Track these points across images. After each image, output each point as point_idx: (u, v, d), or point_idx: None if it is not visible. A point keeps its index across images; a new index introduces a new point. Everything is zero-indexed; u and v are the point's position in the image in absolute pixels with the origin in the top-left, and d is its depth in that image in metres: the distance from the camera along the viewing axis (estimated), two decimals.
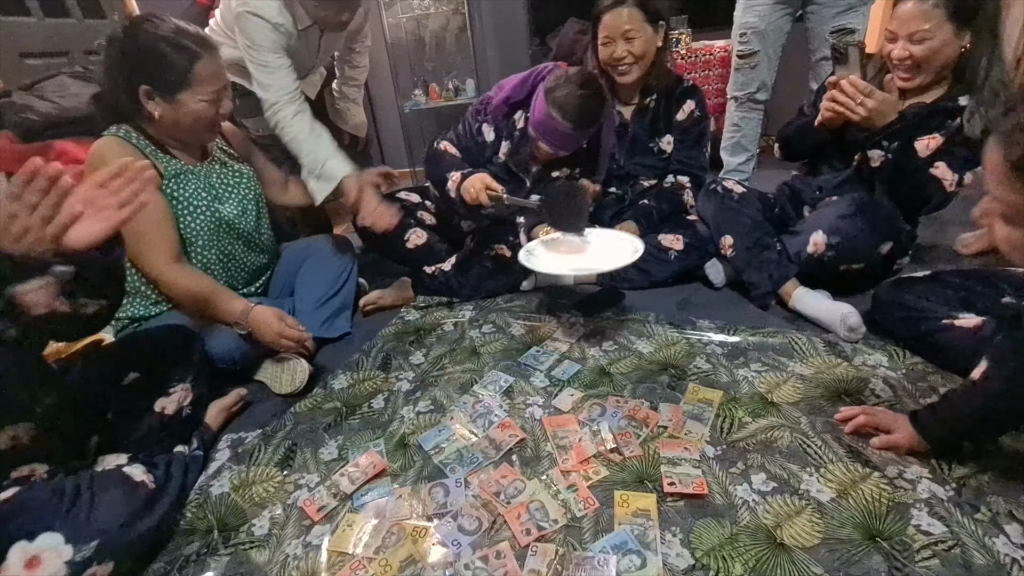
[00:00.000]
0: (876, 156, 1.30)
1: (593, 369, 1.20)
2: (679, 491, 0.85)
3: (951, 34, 1.16)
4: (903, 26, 1.19)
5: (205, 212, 1.22)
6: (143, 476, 0.86)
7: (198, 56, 1.09)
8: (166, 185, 1.18)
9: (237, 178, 1.33)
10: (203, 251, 1.25)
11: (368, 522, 0.87)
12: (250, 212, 1.34)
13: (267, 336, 1.17)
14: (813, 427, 0.96)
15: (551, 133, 1.37)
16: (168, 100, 1.10)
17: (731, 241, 1.42)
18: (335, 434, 1.09)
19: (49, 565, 0.68)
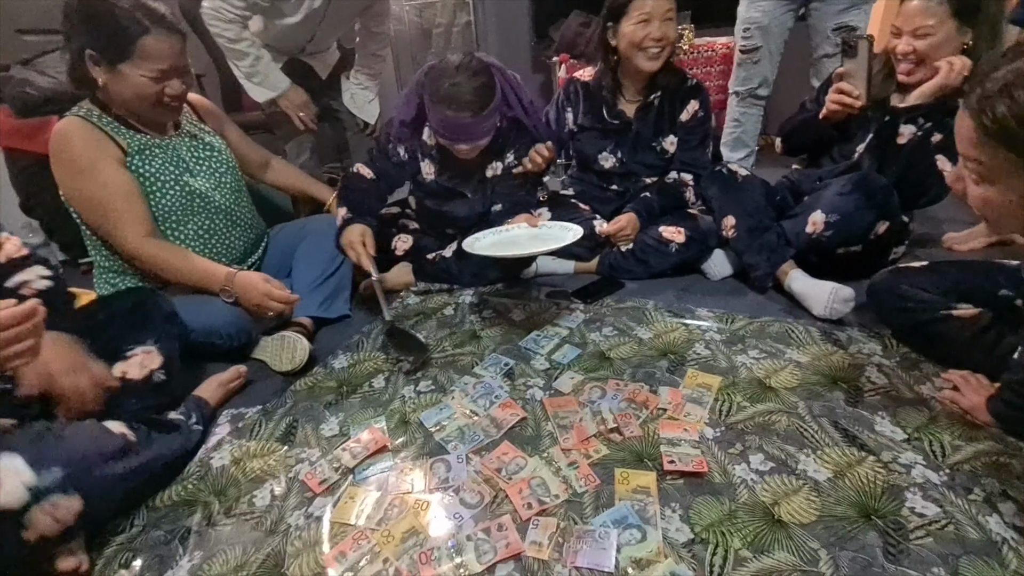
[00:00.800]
0: (907, 132, 1.31)
1: (593, 354, 1.21)
2: (679, 469, 0.86)
3: (954, 31, 1.19)
4: (908, 22, 1.22)
5: (174, 186, 1.21)
6: (122, 429, 0.84)
7: (146, 31, 1.07)
8: (130, 161, 1.16)
9: (208, 151, 1.32)
10: (178, 226, 1.24)
11: (370, 495, 0.87)
12: (226, 185, 1.32)
13: (254, 298, 1.17)
14: (810, 411, 0.98)
15: (456, 130, 1.32)
16: (110, 69, 1.09)
17: (733, 222, 1.44)
18: (336, 411, 1.09)
19: (7, 486, 0.66)
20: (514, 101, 1.44)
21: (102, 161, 1.13)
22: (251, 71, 1.68)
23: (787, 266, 1.37)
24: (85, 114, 1.14)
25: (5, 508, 0.66)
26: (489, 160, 1.51)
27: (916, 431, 0.92)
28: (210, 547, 0.81)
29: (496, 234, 1.40)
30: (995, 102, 0.60)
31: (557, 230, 1.38)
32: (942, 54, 1.20)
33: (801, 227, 1.36)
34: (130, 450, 0.82)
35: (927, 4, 1.18)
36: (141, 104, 1.15)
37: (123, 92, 1.12)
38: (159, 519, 0.86)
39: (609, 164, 1.66)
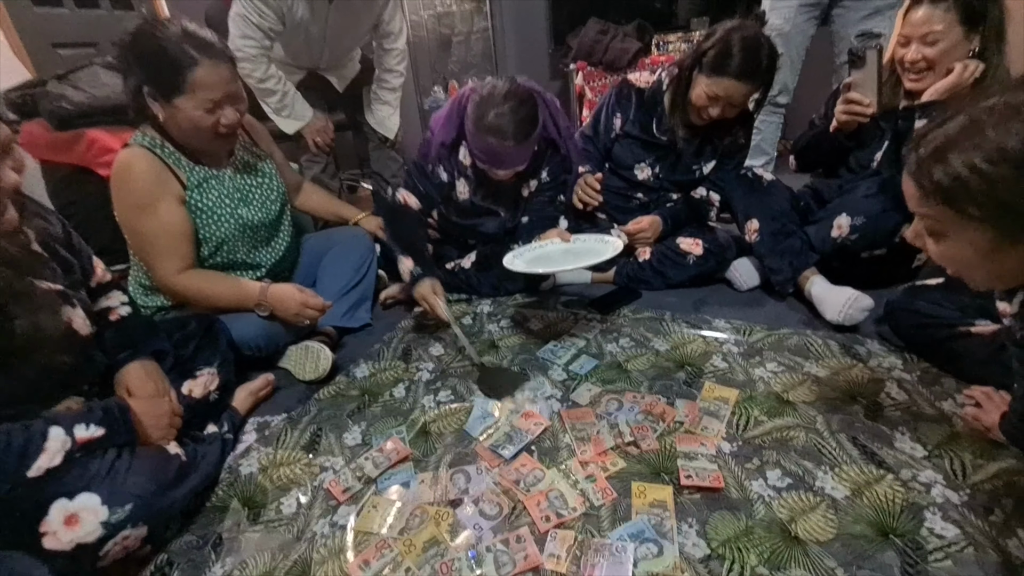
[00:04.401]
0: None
1: (610, 365, 1.22)
2: (696, 484, 0.87)
3: (961, 36, 1.20)
4: (916, 29, 1.23)
5: (229, 219, 1.24)
6: (176, 449, 0.90)
7: (196, 62, 1.07)
8: (190, 195, 1.18)
9: (260, 178, 1.35)
10: (230, 253, 1.28)
11: (392, 504, 0.90)
12: (274, 212, 1.36)
13: (291, 308, 1.21)
14: (828, 427, 0.98)
15: (498, 157, 1.33)
16: (166, 104, 1.10)
17: (757, 225, 1.44)
18: (358, 420, 1.12)
19: (86, 524, 0.72)
20: (550, 124, 1.44)
21: (162, 200, 1.14)
22: (279, 106, 1.78)
23: (809, 272, 1.37)
24: (149, 143, 1.15)
25: (86, 543, 0.72)
26: (525, 180, 1.53)
27: (936, 448, 0.91)
28: (240, 553, 0.85)
29: (532, 251, 1.40)
30: (930, 165, 0.62)
31: (593, 243, 1.38)
32: (950, 60, 1.21)
33: (826, 231, 1.36)
34: (185, 474, 0.88)
35: (934, 11, 1.20)
36: (199, 136, 1.15)
37: (181, 125, 1.13)
38: (191, 524, 0.90)
39: (644, 176, 1.64)
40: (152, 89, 1.09)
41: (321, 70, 1.93)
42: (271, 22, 1.63)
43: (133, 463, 0.81)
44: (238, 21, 1.63)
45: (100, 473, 0.77)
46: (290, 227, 1.46)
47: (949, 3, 1.19)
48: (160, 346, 1.03)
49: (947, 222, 0.63)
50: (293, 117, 1.82)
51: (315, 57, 1.87)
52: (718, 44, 1.35)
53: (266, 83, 1.72)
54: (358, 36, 1.90)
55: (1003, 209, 0.57)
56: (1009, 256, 0.61)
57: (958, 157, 0.59)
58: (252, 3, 1.59)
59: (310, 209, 1.65)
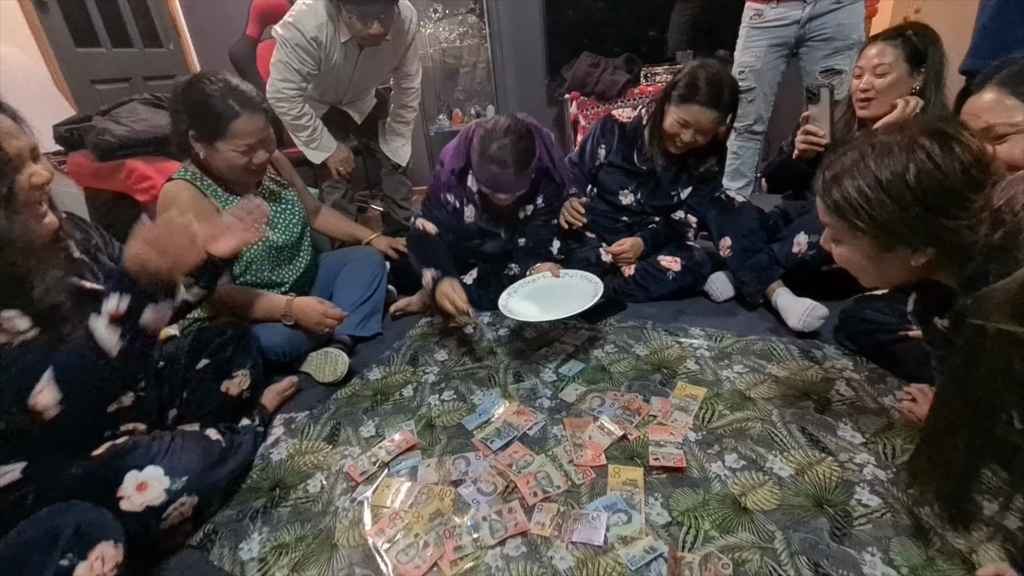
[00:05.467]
0: None
1: (595, 368, 1.37)
2: (662, 464, 1.02)
3: (906, 73, 1.38)
4: (869, 61, 1.41)
5: (259, 243, 1.43)
6: (217, 436, 1.05)
7: (237, 114, 1.26)
8: None
9: (285, 205, 1.54)
10: (258, 272, 1.46)
11: (402, 484, 1.05)
12: (295, 232, 1.54)
13: (312, 318, 1.38)
14: (782, 419, 1.13)
15: (500, 185, 1.47)
16: (207, 145, 1.29)
17: (729, 243, 1.60)
18: (372, 415, 1.27)
19: (153, 490, 0.88)
20: (545, 156, 1.61)
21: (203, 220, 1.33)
22: (309, 139, 1.99)
23: (776, 284, 1.53)
24: (190, 178, 1.34)
25: (152, 506, 0.88)
26: (522, 204, 1.70)
27: (873, 436, 1.06)
28: (274, 524, 1.00)
29: (524, 286, 1.54)
30: (830, 186, 0.78)
31: (579, 280, 1.52)
32: (895, 92, 1.39)
33: (788, 248, 1.52)
34: (225, 456, 1.04)
35: (884, 47, 1.39)
36: (233, 172, 1.34)
37: (218, 163, 1.32)
38: (231, 502, 1.05)
39: (627, 201, 1.81)
40: (197, 133, 1.29)
41: (343, 105, 2.13)
42: (309, 67, 1.83)
43: (185, 445, 0.97)
44: (279, 67, 1.83)
45: (161, 452, 0.92)
46: (310, 247, 1.64)
47: (898, 42, 1.38)
48: None
49: (842, 232, 0.79)
50: (320, 149, 2.02)
51: (340, 94, 2.07)
52: (685, 77, 1.55)
53: (300, 120, 1.93)
54: (380, 77, 2.12)
55: (879, 225, 0.73)
56: (888, 261, 0.77)
57: (848, 182, 0.75)
58: (295, 52, 1.78)
59: (327, 230, 1.83)
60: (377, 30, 1.77)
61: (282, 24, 1.81)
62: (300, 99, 1.90)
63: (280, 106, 1.89)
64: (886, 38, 1.40)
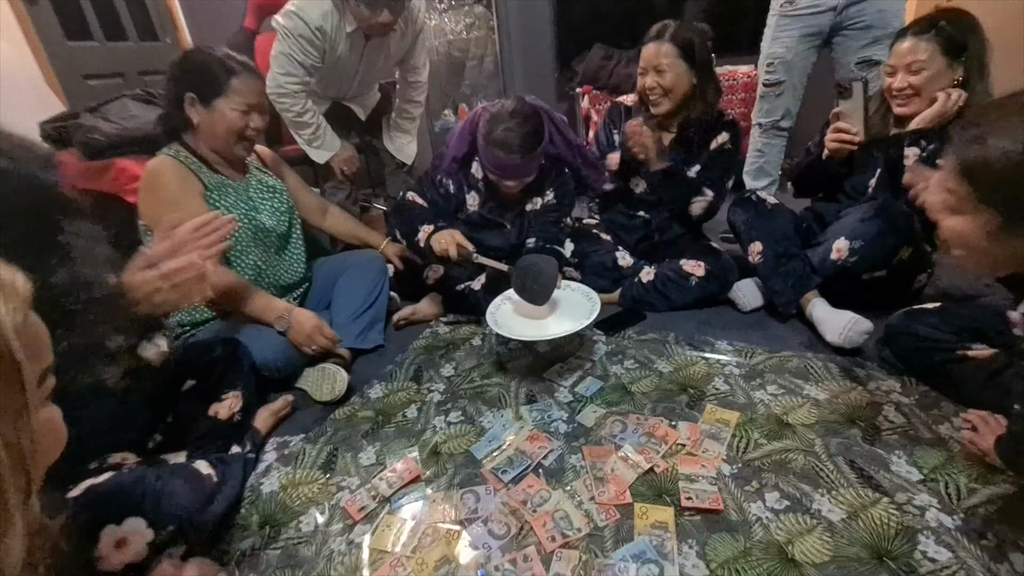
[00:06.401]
0: (912, 154, 1.35)
1: (615, 387, 1.26)
2: (696, 506, 0.91)
3: (944, 66, 1.27)
4: (902, 59, 1.30)
5: (243, 219, 1.35)
6: (208, 470, 0.95)
7: (236, 72, 1.27)
8: (209, 195, 1.31)
9: (271, 192, 1.47)
10: (241, 256, 1.37)
11: (405, 523, 0.94)
12: (283, 221, 1.46)
13: (302, 333, 1.29)
14: (827, 450, 1.01)
15: (507, 169, 1.44)
16: (207, 106, 1.27)
17: (760, 248, 1.48)
18: (373, 440, 1.17)
19: (134, 546, 0.77)
20: (559, 141, 1.55)
21: (188, 195, 1.27)
22: (312, 138, 1.88)
23: (811, 294, 1.41)
24: (174, 153, 1.30)
25: (133, 563, 0.78)
26: (530, 196, 1.61)
27: (932, 472, 0.94)
28: (262, 570, 0.89)
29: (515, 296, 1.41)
30: (970, 145, 0.70)
31: (579, 295, 1.41)
32: (935, 87, 1.27)
33: (826, 254, 1.39)
34: (216, 492, 0.93)
35: (917, 42, 1.27)
36: (228, 137, 1.30)
37: (215, 126, 1.28)
38: (217, 542, 0.95)
39: (640, 189, 1.72)
40: (195, 95, 1.26)
41: (346, 100, 2.02)
42: (313, 59, 1.72)
43: (173, 486, 0.86)
44: (281, 59, 1.72)
45: (145, 497, 0.82)
46: (301, 244, 1.54)
47: (931, 34, 1.26)
48: None
49: (966, 201, 0.71)
50: (324, 148, 1.92)
51: (344, 89, 1.96)
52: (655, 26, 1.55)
53: (303, 117, 1.82)
54: (386, 71, 2.00)
55: (1017, 199, 0.64)
56: (1007, 244, 0.69)
57: (995, 142, 0.66)
58: (298, 43, 1.68)
59: (335, 231, 1.73)
60: (386, 18, 1.66)
61: (284, 13, 1.70)
62: (303, 94, 1.80)
63: (282, 102, 1.78)
64: (917, 31, 1.28)
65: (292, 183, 1.59)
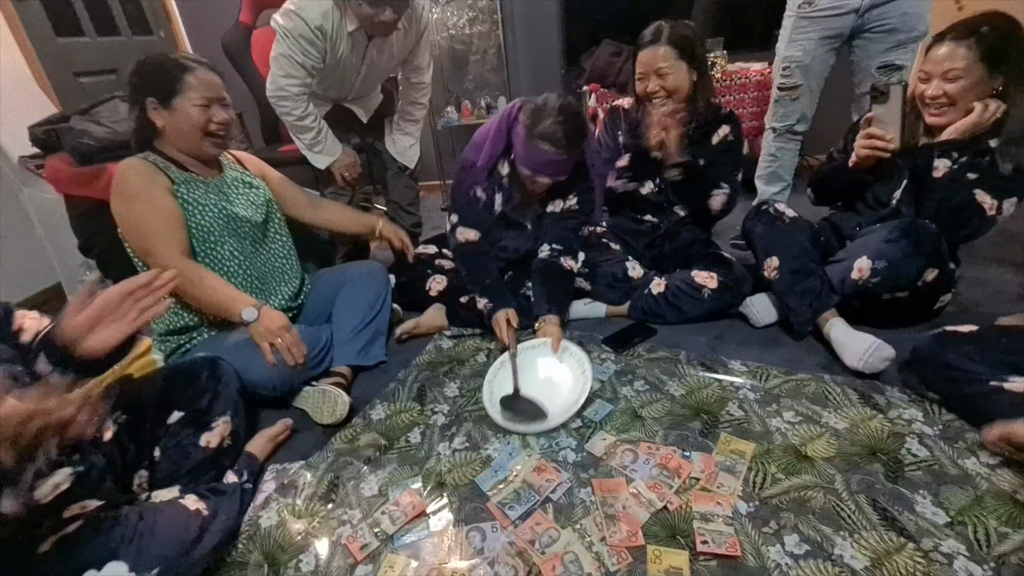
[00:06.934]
0: (942, 166, 1.29)
1: (625, 411, 1.22)
2: (712, 551, 0.87)
3: (983, 75, 1.20)
4: (938, 66, 1.23)
5: (213, 208, 1.32)
6: (196, 504, 0.91)
7: (190, 68, 1.26)
8: (176, 189, 1.29)
9: (246, 187, 1.44)
10: (215, 246, 1.34)
11: (409, 565, 0.91)
12: (259, 212, 1.43)
13: (272, 327, 1.24)
14: (848, 487, 0.97)
15: (544, 165, 1.41)
16: (167, 107, 1.26)
17: (777, 263, 1.42)
18: (375, 468, 1.13)
19: None
20: (590, 145, 1.54)
21: (154, 189, 1.26)
22: (313, 142, 1.82)
23: (828, 313, 1.35)
24: (143, 156, 1.30)
25: None
26: (553, 197, 1.58)
27: (959, 514, 0.90)
28: None
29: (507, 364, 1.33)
30: None
31: (575, 364, 1.31)
32: (972, 97, 1.21)
33: (846, 273, 1.34)
34: (206, 528, 0.89)
35: (956, 48, 1.20)
36: (193, 134, 1.29)
37: (180, 125, 1.27)
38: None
39: (647, 190, 1.67)
40: (154, 99, 1.25)
41: (347, 102, 1.96)
42: (314, 60, 1.66)
43: (156, 524, 0.83)
44: (281, 61, 1.65)
45: (125, 539, 0.78)
46: (285, 239, 1.52)
47: (971, 41, 1.19)
48: None
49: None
50: (325, 153, 1.86)
51: (345, 90, 1.89)
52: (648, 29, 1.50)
53: (304, 121, 1.76)
54: (389, 70, 1.93)
55: None
56: None
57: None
58: (298, 44, 1.61)
59: (328, 223, 1.69)
60: (389, 17, 1.59)
61: (282, 13, 1.63)
62: (304, 97, 1.73)
63: (283, 105, 1.73)
64: (956, 37, 1.21)
65: (276, 181, 1.56)
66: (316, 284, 1.59)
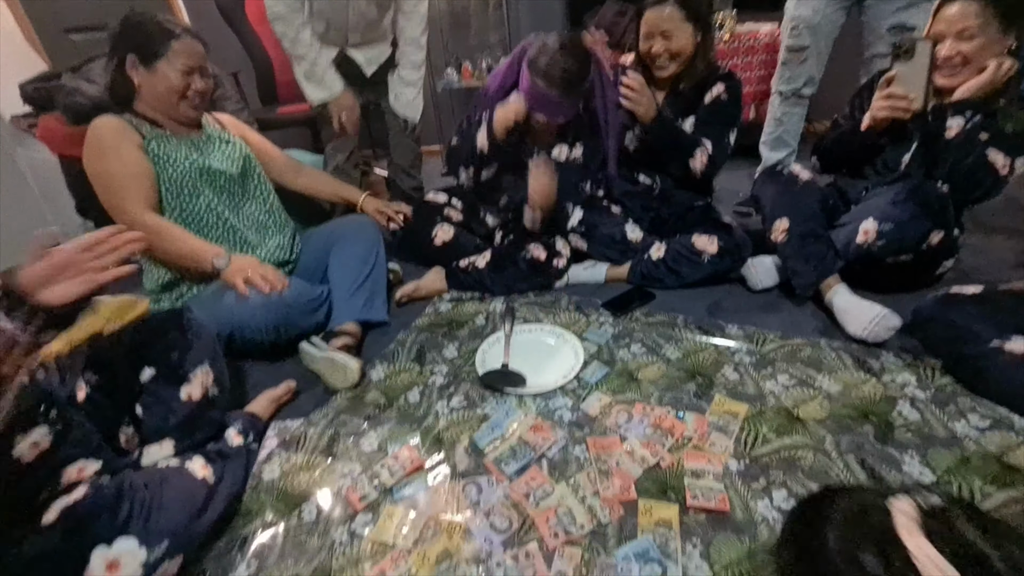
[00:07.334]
0: (955, 125, 1.27)
1: (621, 373, 1.23)
2: (702, 506, 0.89)
3: (998, 32, 1.18)
4: (952, 25, 1.20)
5: (184, 161, 1.34)
6: (203, 471, 0.92)
7: (176, 35, 1.28)
8: (147, 143, 1.30)
9: (224, 143, 1.46)
10: (192, 198, 1.36)
11: (407, 515, 0.94)
12: (235, 165, 1.44)
13: (246, 267, 1.27)
14: (837, 448, 0.99)
15: (542, 102, 1.41)
16: (148, 68, 1.28)
17: (786, 225, 1.40)
18: (374, 425, 1.16)
19: (127, 567, 0.75)
20: (599, 94, 1.51)
21: (124, 144, 1.27)
22: (309, 72, 1.79)
23: (832, 279, 1.35)
24: (117, 113, 1.32)
25: None
26: (558, 141, 1.58)
27: (946, 473, 0.92)
28: (264, 557, 0.89)
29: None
30: None
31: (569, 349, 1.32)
32: (986, 56, 1.19)
33: (851, 236, 1.32)
34: (212, 496, 0.90)
35: (967, 5, 1.18)
36: (170, 98, 1.31)
37: (157, 87, 1.29)
38: (220, 529, 0.95)
39: (633, 146, 1.66)
40: (136, 57, 1.27)
41: (350, 48, 1.89)
42: None
43: (163, 496, 0.83)
44: None
45: (133, 514, 0.78)
46: (267, 193, 1.53)
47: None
48: None
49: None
50: (321, 87, 1.83)
51: (340, 26, 1.82)
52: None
53: (296, 48, 1.74)
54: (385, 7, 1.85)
55: None
56: None
57: None
58: None
59: (310, 190, 1.69)
60: None
61: None
62: (296, 21, 1.71)
63: (275, 27, 1.72)
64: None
65: (256, 143, 1.58)
66: (307, 242, 1.59)
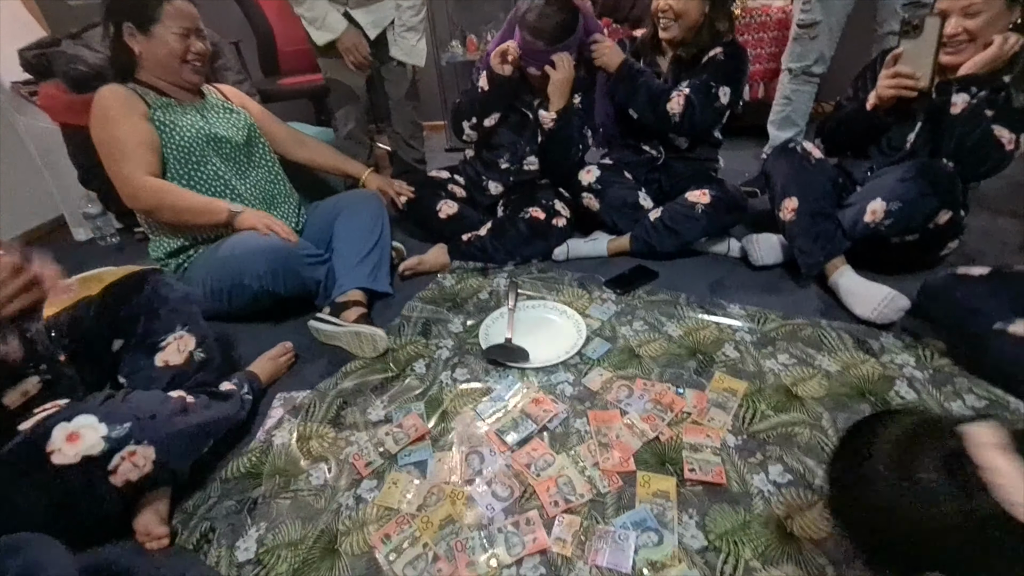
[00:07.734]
0: (960, 101, 1.26)
1: (623, 349, 1.25)
2: (698, 478, 0.92)
3: (1003, 8, 1.17)
4: (957, 2, 1.19)
5: (191, 129, 1.35)
6: (180, 393, 0.95)
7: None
8: (153, 113, 1.31)
9: (228, 112, 1.47)
10: (200, 166, 1.37)
11: (411, 482, 0.96)
12: (240, 133, 1.45)
13: (258, 220, 1.34)
14: (834, 424, 1.01)
15: (531, 55, 1.47)
16: (145, 34, 1.28)
17: (795, 204, 1.39)
18: (381, 395, 1.18)
19: (87, 439, 0.77)
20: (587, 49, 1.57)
21: (129, 113, 1.28)
22: (311, 16, 1.82)
23: (838, 260, 1.35)
24: (121, 82, 1.33)
25: (90, 455, 0.77)
26: None
27: None
28: (272, 518, 0.92)
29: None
30: None
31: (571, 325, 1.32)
32: (991, 32, 1.18)
33: (858, 216, 1.32)
34: (190, 409, 0.92)
35: None
36: (171, 62, 1.32)
37: (157, 52, 1.30)
38: (230, 490, 0.98)
39: (636, 115, 1.65)
40: (132, 25, 1.27)
41: (353, 6, 1.87)
42: None
43: (128, 397, 0.87)
44: None
45: (94, 404, 0.82)
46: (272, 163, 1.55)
47: None
48: None
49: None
50: (325, 29, 1.84)
51: None
52: None
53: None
54: None
55: None
56: None
57: None
58: None
59: (314, 162, 1.69)
60: None
61: None
62: None
63: None
64: None
65: (258, 115, 1.58)
66: (312, 215, 1.60)
